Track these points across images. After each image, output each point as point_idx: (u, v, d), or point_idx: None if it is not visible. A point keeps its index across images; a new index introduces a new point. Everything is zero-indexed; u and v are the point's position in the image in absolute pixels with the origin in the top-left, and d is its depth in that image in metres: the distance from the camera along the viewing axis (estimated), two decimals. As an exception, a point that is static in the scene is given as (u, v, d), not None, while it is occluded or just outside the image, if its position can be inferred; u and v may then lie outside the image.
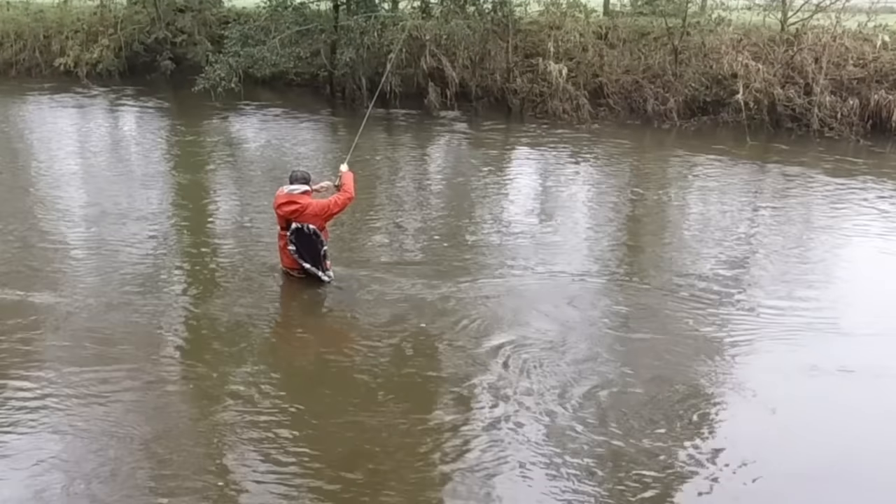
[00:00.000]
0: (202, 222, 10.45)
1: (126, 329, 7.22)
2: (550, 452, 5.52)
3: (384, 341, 7.10)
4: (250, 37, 17.57)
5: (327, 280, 8.15)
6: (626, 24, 18.11)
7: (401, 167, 13.39)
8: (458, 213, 10.87)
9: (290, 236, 8.13)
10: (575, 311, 7.74)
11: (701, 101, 16.37)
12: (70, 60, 21.57)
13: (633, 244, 9.94)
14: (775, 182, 12.64)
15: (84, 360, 6.64)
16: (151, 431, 5.68)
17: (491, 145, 15.04)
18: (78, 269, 8.69)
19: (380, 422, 5.86)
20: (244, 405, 6.05)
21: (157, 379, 6.42)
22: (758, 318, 7.62)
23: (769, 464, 5.41)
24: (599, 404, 6.10)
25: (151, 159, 13.90)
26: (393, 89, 17.69)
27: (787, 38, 16.33)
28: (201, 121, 17.07)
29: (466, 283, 8.28)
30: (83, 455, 5.43)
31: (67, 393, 6.17)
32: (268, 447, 5.56)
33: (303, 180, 8.29)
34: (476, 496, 5.13)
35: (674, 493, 5.22)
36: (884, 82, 15.34)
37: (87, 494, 5.06)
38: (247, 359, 6.75)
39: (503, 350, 6.87)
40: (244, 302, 7.85)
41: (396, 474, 5.31)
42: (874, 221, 10.57)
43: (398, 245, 9.69)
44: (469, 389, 6.29)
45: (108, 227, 9.99)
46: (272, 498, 5.08)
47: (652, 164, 13.75)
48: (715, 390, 6.36)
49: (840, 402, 6.25)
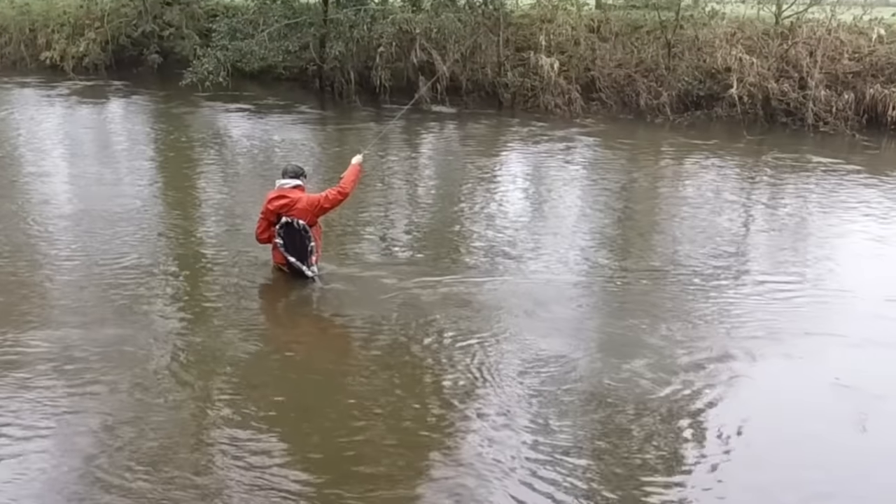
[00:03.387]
0: (189, 217, 10.23)
1: (110, 334, 6.99)
2: (541, 447, 5.37)
3: (371, 339, 6.91)
4: (238, 30, 17.35)
5: (311, 276, 7.96)
6: (618, 17, 17.93)
7: (390, 162, 13.19)
8: (447, 210, 10.68)
9: (279, 230, 7.97)
10: (566, 306, 7.57)
11: (694, 95, 16.20)
12: (56, 54, 21.36)
13: (625, 239, 9.76)
14: (769, 177, 12.48)
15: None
16: (133, 430, 5.50)
17: (482, 140, 14.86)
18: (61, 265, 8.47)
19: (368, 421, 5.69)
20: (229, 403, 5.87)
21: (139, 373, 6.22)
22: (751, 311, 7.44)
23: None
24: (590, 395, 5.95)
25: (138, 154, 13.65)
26: (383, 83, 17.53)
27: (782, 32, 16.19)
28: (189, 115, 16.88)
29: (456, 279, 8.10)
30: (64, 453, 5.24)
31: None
32: (250, 445, 5.39)
33: (294, 174, 8.15)
34: (471, 493, 4.99)
35: (670, 475, 5.15)
36: (879, 76, 15.20)
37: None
38: (232, 358, 6.55)
39: (496, 349, 6.69)
40: (231, 299, 7.65)
41: (386, 471, 5.18)
42: (869, 216, 10.40)
43: (386, 242, 9.51)
44: (460, 388, 6.12)
45: (92, 222, 9.75)
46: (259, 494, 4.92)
47: (645, 159, 13.59)
48: (708, 388, 6.20)
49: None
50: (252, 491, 4.93)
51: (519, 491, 4.98)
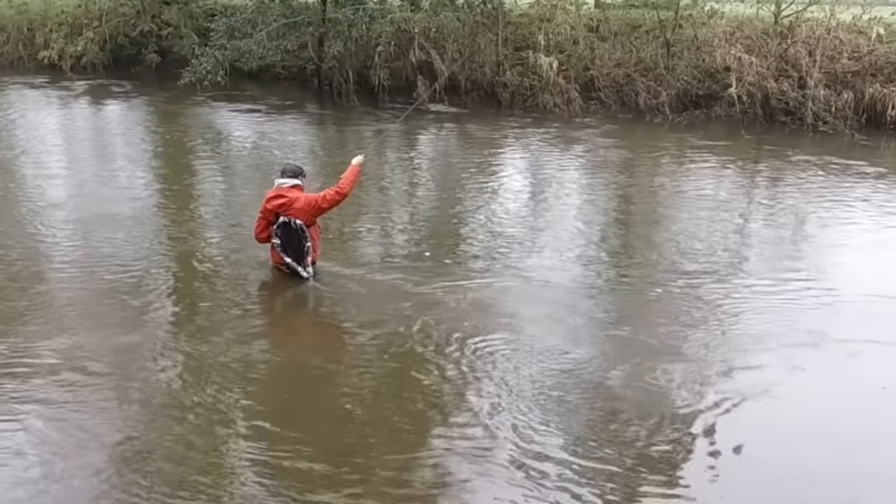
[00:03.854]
0: (188, 218, 10.16)
1: (108, 331, 6.98)
2: (539, 449, 5.33)
3: (367, 340, 6.88)
4: (237, 29, 17.32)
5: (306, 276, 7.93)
6: (617, 16, 17.90)
7: (388, 162, 13.16)
8: (445, 210, 10.64)
9: (276, 230, 7.95)
10: (564, 307, 7.51)
11: (693, 94, 16.18)
12: (54, 53, 21.32)
13: (624, 240, 9.74)
14: (768, 176, 12.45)
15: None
16: (132, 428, 5.49)
17: (480, 139, 14.82)
18: (60, 266, 8.44)
19: (364, 421, 5.67)
20: (226, 400, 5.86)
21: (137, 372, 6.20)
22: (748, 308, 7.42)
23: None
24: (587, 393, 5.92)
25: (136, 154, 13.60)
26: (381, 82, 17.51)
27: (781, 31, 16.16)
28: (187, 115, 16.83)
29: (453, 282, 8.05)
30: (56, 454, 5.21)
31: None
32: (249, 440, 5.41)
33: (292, 174, 8.14)
34: (464, 489, 4.98)
35: (668, 473, 5.12)
36: (878, 76, 15.18)
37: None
38: (229, 354, 6.54)
39: (490, 349, 6.65)
40: (229, 300, 7.62)
41: (384, 470, 5.16)
42: (868, 215, 10.39)
43: (384, 242, 9.47)
44: (455, 389, 6.09)
45: (90, 222, 9.73)
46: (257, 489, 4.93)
47: (643, 159, 13.55)
48: (704, 387, 6.17)
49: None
50: (255, 495, 4.91)
51: (519, 492, 4.97)
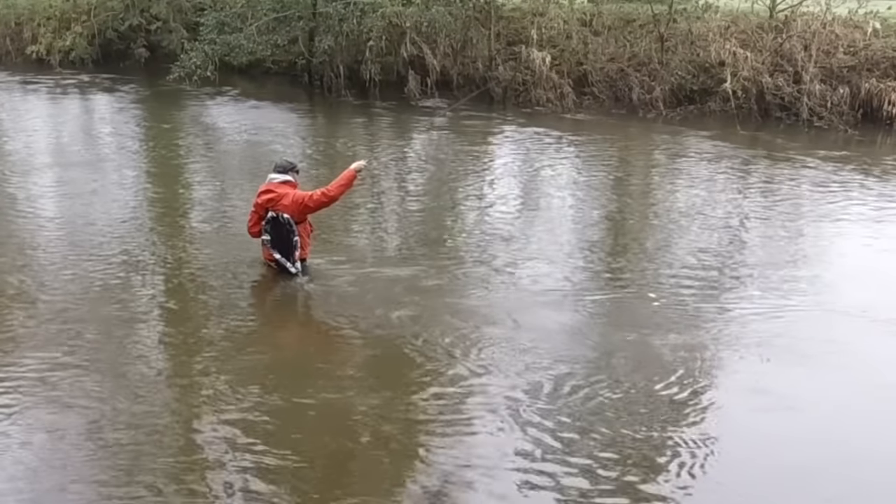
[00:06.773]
0: (178, 214, 10.09)
1: (100, 326, 6.89)
2: (537, 451, 5.25)
3: (357, 338, 6.82)
4: (226, 24, 17.22)
5: (294, 272, 7.84)
6: (610, 10, 17.72)
7: (379, 158, 13.00)
8: (437, 207, 10.52)
9: (266, 225, 7.88)
10: (556, 310, 7.39)
11: (687, 89, 16.02)
12: (42, 48, 21.14)
13: (618, 239, 9.63)
14: (763, 172, 12.32)
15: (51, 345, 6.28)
16: (125, 421, 5.46)
17: (472, 135, 14.66)
18: (48, 258, 8.37)
19: (356, 419, 5.61)
20: (217, 398, 5.81)
21: (129, 372, 6.14)
22: (745, 309, 7.31)
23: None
24: (584, 397, 5.83)
25: (125, 149, 13.44)
26: (373, 77, 17.36)
27: (776, 25, 16.02)
28: (176, 110, 16.69)
29: (444, 279, 7.96)
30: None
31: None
32: (243, 439, 5.34)
33: (283, 169, 8.07)
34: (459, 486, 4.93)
35: (660, 475, 5.05)
36: (875, 70, 15.03)
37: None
38: (220, 351, 6.50)
39: (483, 348, 6.55)
40: (220, 295, 7.57)
41: (381, 471, 5.14)
42: (863, 210, 10.28)
43: (374, 238, 9.37)
44: (450, 389, 6.00)
45: (76, 219, 9.61)
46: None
47: (637, 154, 13.44)
48: (701, 386, 6.05)
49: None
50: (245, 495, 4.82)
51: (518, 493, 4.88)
